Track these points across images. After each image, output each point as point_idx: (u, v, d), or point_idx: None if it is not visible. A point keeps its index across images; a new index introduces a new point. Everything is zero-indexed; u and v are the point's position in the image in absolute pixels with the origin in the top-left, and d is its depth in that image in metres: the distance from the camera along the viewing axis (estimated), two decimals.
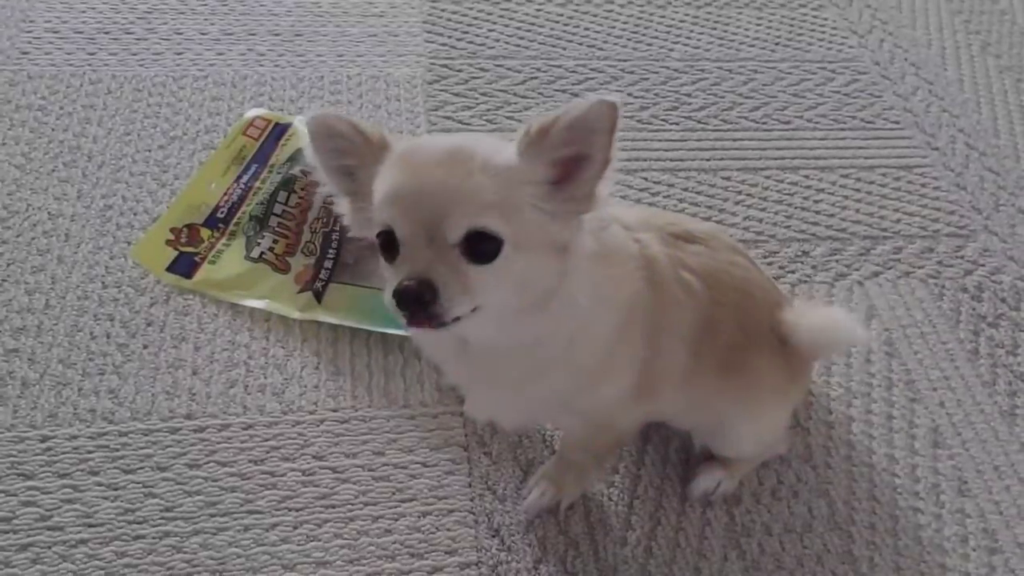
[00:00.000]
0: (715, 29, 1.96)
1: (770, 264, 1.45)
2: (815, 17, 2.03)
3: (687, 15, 1.99)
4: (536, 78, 1.76)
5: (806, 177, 1.63)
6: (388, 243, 0.73)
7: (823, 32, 1.99)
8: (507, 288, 0.73)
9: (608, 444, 1.05)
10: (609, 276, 0.83)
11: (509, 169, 0.72)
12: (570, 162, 0.73)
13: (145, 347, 1.23)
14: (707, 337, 0.93)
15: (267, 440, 1.14)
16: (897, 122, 1.78)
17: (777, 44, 1.94)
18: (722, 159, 1.64)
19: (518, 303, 0.75)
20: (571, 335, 0.83)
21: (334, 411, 1.18)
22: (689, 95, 1.77)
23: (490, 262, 0.71)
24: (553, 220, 0.73)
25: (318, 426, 1.16)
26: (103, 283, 1.29)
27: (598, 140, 0.71)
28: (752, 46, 1.92)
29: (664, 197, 1.55)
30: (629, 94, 1.74)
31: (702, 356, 0.94)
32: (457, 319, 0.72)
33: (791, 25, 2.00)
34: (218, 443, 1.13)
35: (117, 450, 1.11)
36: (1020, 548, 1.14)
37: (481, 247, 0.70)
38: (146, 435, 1.13)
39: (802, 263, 1.47)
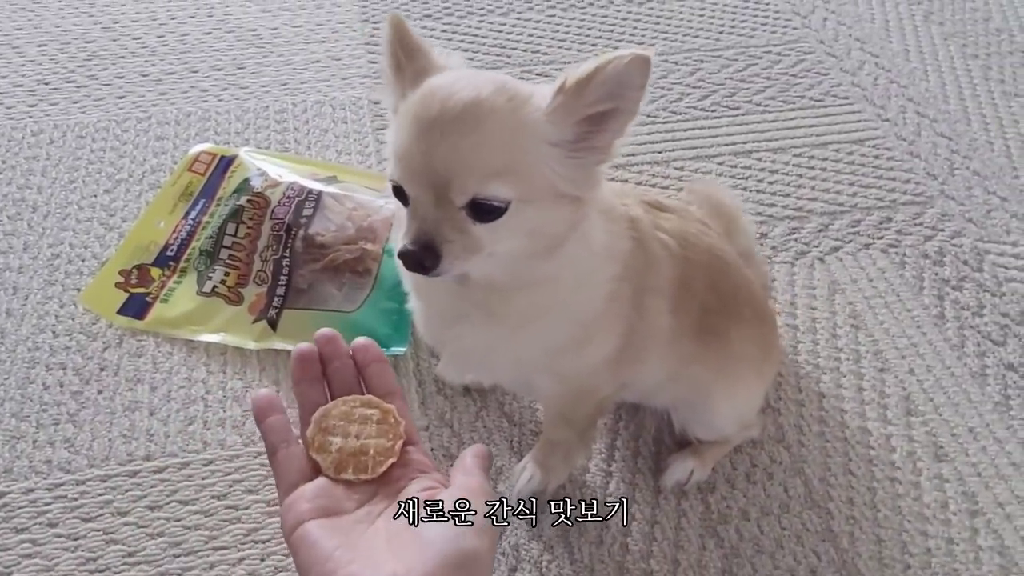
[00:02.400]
0: (658, 24, 1.96)
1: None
2: (757, 3, 2.04)
3: (629, 12, 1.99)
4: None
5: (759, 160, 1.63)
6: (399, 193, 0.74)
7: (766, 17, 2.00)
8: (516, 239, 0.73)
9: (589, 414, 1.03)
10: (610, 230, 0.84)
11: (529, 128, 0.69)
12: (598, 117, 0.70)
13: (100, 392, 1.20)
14: (684, 295, 0.93)
15: (229, 474, 1.12)
16: (846, 97, 1.78)
17: (721, 33, 1.94)
18: (674, 150, 1.64)
19: (529, 250, 0.75)
20: (578, 280, 0.82)
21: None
22: None
23: (497, 219, 0.70)
24: (571, 174, 0.72)
25: None
26: (54, 332, 1.27)
27: (632, 95, 0.69)
28: (696, 37, 1.93)
29: None
30: None
31: (680, 316, 0.94)
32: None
33: (734, 13, 2.00)
34: (179, 482, 1.11)
35: (75, 499, 1.08)
36: (1001, 508, 1.12)
37: (486, 209, 0.70)
38: (104, 481, 1.10)
39: (761, 244, 1.46)
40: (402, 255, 0.71)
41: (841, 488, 1.13)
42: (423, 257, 0.70)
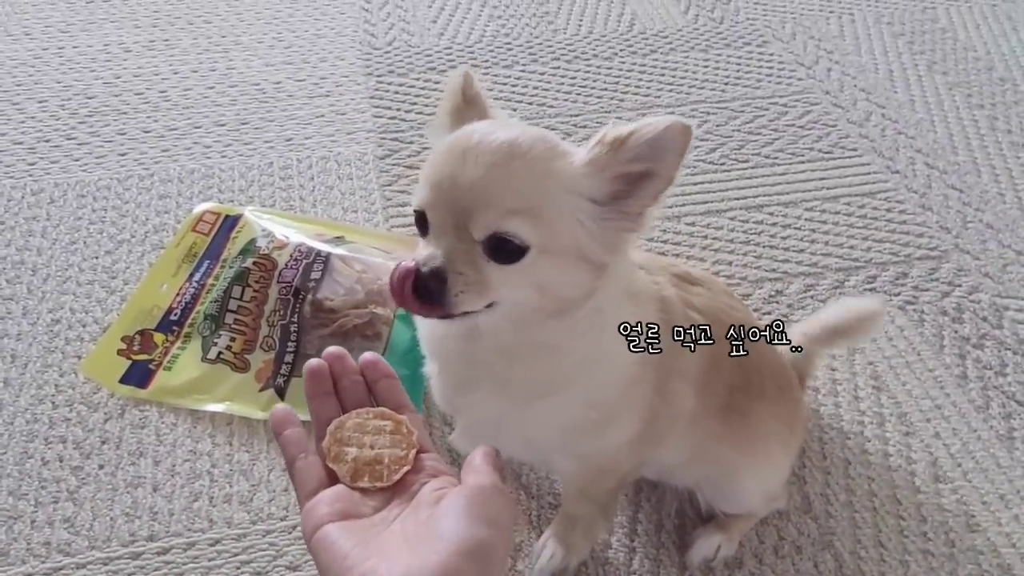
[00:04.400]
0: (663, 75, 1.96)
1: (748, 308, 1.41)
2: (761, 53, 2.04)
3: (635, 64, 1.99)
4: None
5: (771, 215, 1.61)
6: (420, 222, 0.72)
7: (771, 67, 1.99)
8: (527, 289, 0.72)
9: (610, 490, 1.01)
10: (635, 313, 0.82)
11: (562, 176, 0.69)
12: (633, 178, 0.69)
13: (101, 467, 1.16)
14: (711, 378, 0.91)
15: (236, 555, 1.07)
16: (855, 149, 1.77)
17: (727, 84, 1.94)
18: (684, 204, 1.62)
19: (538, 304, 0.73)
20: (590, 357, 0.80)
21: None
22: None
23: (512, 263, 0.69)
24: (598, 235, 0.71)
25: (290, 533, 1.10)
26: (53, 403, 1.23)
27: (669, 159, 0.68)
28: (702, 88, 1.92)
29: None
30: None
31: (706, 398, 0.92)
32: (467, 313, 0.71)
33: (738, 64, 2.00)
34: (184, 564, 1.06)
35: None
36: None
37: (505, 248, 0.68)
38: (105, 564, 1.05)
39: (777, 303, 1.43)
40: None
41: (873, 562, 1.09)
42: (428, 280, 0.68)
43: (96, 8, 2.09)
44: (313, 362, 0.75)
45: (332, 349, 0.76)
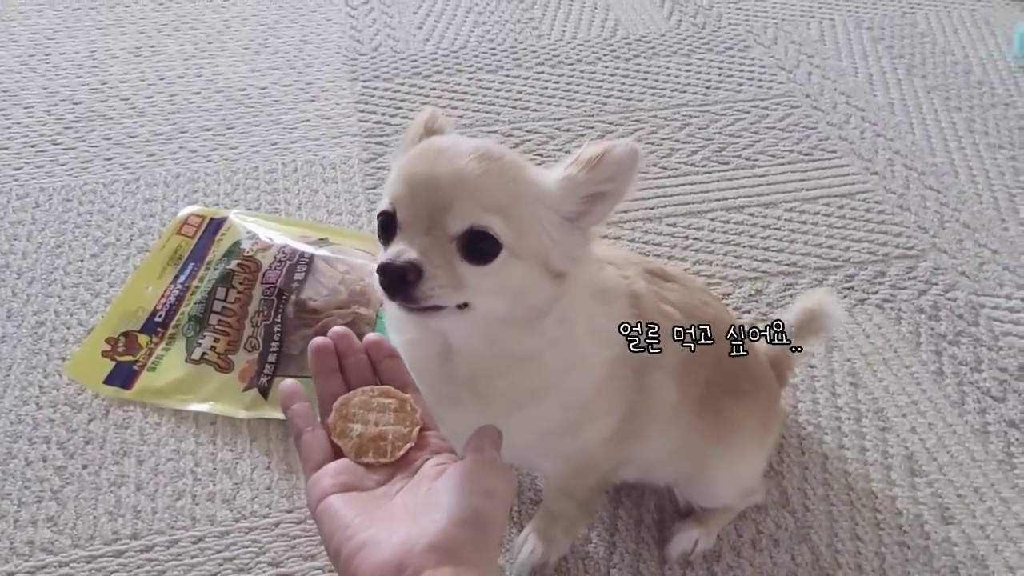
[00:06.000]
0: (646, 79, 1.98)
1: (725, 306, 1.43)
2: (742, 58, 2.07)
3: (617, 68, 2.01)
4: None
5: (751, 215, 1.63)
6: (387, 225, 0.73)
7: (752, 71, 2.02)
8: (497, 293, 0.73)
9: (591, 487, 1.02)
10: (604, 312, 0.84)
11: (536, 188, 0.73)
12: (596, 197, 0.74)
13: (84, 467, 1.17)
14: (690, 369, 0.93)
15: (219, 552, 1.08)
16: (834, 151, 1.79)
17: (708, 88, 1.96)
18: (666, 206, 1.64)
19: (507, 313, 0.75)
20: (565, 363, 0.81)
21: (289, 512, 1.13)
22: None
23: (485, 264, 0.70)
24: (560, 246, 0.74)
25: (273, 530, 1.10)
26: (37, 404, 1.24)
27: (628, 177, 0.73)
28: (684, 92, 1.94)
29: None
30: (566, 152, 1.73)
31: (686, 389, 0.93)
32: (439, 308, 0.71)
33: (720, 68, 2.03)
34: (167, 561, 1.07)
35: None
36: (1011, 572, 1.10)
37: (479, 247, 0.70)
38: (89, 562, 1.06)
39: (756, 302, 1.45)
40: (382, 268, 0.68)
41: (849, 554, 1.11)
42: (406, 270, 0.67)
43: (83, 15, 2.10)
44: (318, 340, 0.76)
45: (338, 328, 0.77)
